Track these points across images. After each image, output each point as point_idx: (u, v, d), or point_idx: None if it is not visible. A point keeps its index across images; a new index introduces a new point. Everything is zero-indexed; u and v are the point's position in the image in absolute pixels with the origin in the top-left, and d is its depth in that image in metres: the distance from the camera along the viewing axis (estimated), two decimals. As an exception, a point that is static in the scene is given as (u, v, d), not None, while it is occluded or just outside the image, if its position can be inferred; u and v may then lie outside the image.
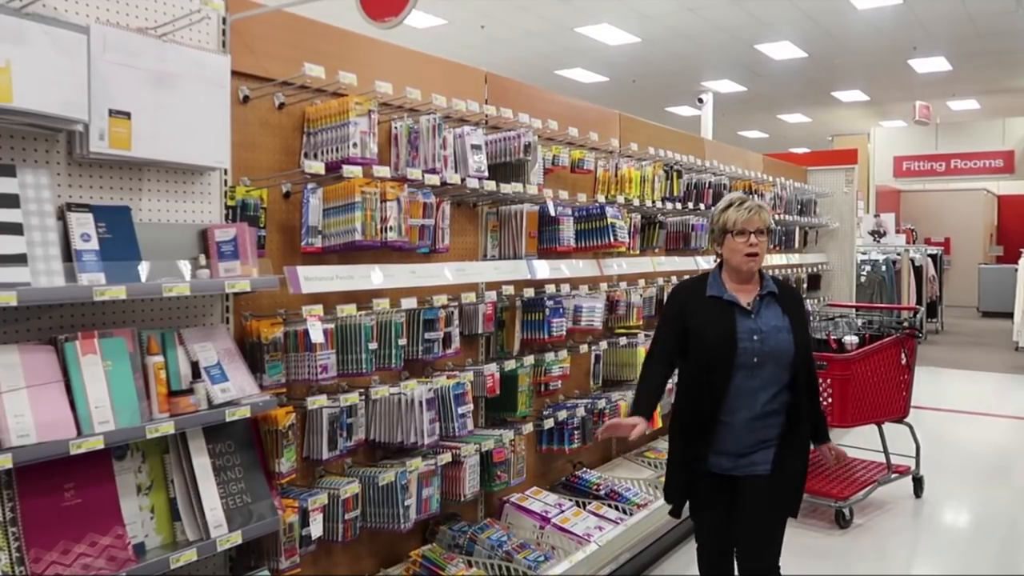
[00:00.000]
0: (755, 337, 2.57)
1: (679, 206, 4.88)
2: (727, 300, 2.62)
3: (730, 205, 2.64)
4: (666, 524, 3.86)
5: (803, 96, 14.87)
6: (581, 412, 3.94)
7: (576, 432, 3.93)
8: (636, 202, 4.39)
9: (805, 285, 7.07)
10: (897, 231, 13.62)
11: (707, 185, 5.17)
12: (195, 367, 2.23)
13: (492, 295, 3.44)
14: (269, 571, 2.44)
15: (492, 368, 3.43)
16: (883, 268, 11.64)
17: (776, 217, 6.31)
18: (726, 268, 2.69)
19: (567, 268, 3.89)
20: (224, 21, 2.48)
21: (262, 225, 2.58)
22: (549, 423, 3.81)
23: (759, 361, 2.56)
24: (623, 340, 4.38)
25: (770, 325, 2.59)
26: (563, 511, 3.63)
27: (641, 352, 4.46)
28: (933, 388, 8.31)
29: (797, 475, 2.67)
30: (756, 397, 2.57)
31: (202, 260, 2.30)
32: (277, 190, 2.71)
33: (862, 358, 4.64)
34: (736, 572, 2.71)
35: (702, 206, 5.09)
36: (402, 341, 2.92)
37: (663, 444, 4.70)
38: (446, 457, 3.09)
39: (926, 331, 12.40)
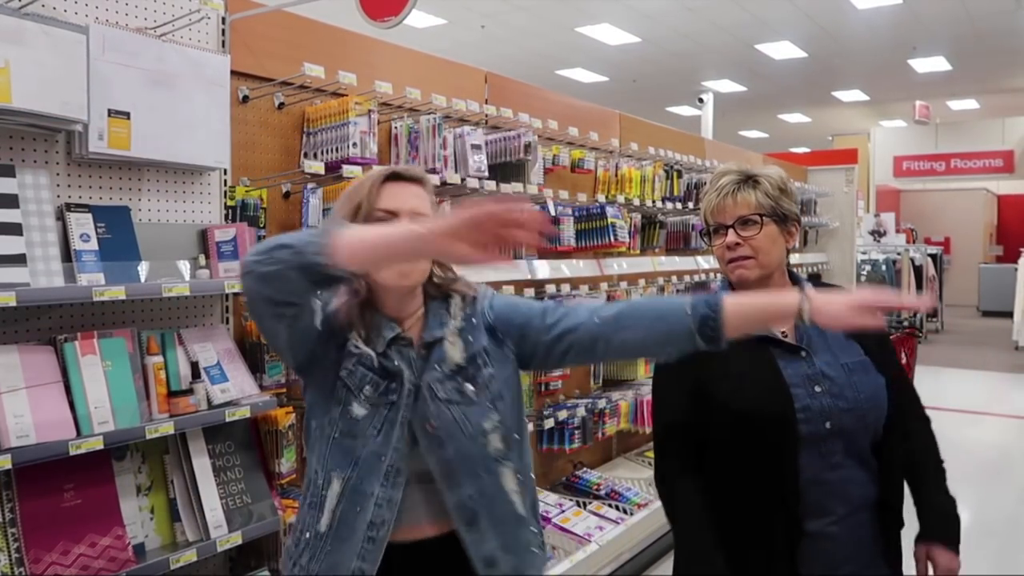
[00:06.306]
0: (817, 388, 1.60)
1: (679, 206, 4.88)
2: (756, 336, 1.62)
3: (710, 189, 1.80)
4: (667, 524, 3.85)
5: (803, 96, 14.86)
6: (581, 412, 3.93)
7: (576, 432, 3.92)
8: (636, 202, 4.38)
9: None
10: (897, 231, 13.63)
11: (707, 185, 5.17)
12: (195, 367, 2.23)
13: (492, 295, 3.43)
14: (269, 571, 2.44)
15: (492, 368, 3.42)
16: (883, 268, 11.66)
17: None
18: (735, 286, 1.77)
19: (567, 268, 3.88)
20: (223, 21, 2.48)
21: (262, 225, 2.57)
22: (549, 423, 3.80)
23: (833, 427, 1.58)
24: (623, 340, 4.37)
25: (838, 362, 1.64)
26: (563, 511, 3.62)
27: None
28: (933, 388, 8.29)
29: None
30: (843, 489, 1.60)
31: (202, 260, 2.30)
32: (277, 190, 2.71)
33: (862, 358, 4.63)
34: None
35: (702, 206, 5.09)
36: (402, 341, 2.91)
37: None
38: (446, 457, 3.09)
39: (926, 330, 12.39)
